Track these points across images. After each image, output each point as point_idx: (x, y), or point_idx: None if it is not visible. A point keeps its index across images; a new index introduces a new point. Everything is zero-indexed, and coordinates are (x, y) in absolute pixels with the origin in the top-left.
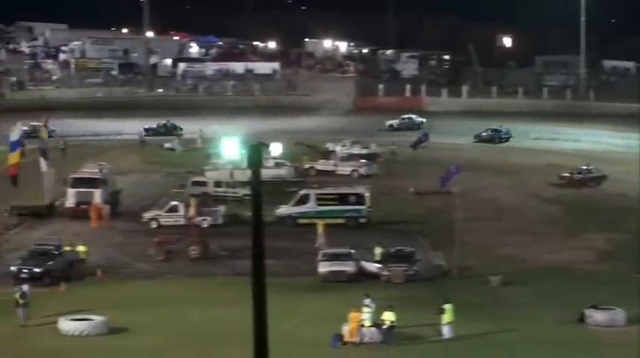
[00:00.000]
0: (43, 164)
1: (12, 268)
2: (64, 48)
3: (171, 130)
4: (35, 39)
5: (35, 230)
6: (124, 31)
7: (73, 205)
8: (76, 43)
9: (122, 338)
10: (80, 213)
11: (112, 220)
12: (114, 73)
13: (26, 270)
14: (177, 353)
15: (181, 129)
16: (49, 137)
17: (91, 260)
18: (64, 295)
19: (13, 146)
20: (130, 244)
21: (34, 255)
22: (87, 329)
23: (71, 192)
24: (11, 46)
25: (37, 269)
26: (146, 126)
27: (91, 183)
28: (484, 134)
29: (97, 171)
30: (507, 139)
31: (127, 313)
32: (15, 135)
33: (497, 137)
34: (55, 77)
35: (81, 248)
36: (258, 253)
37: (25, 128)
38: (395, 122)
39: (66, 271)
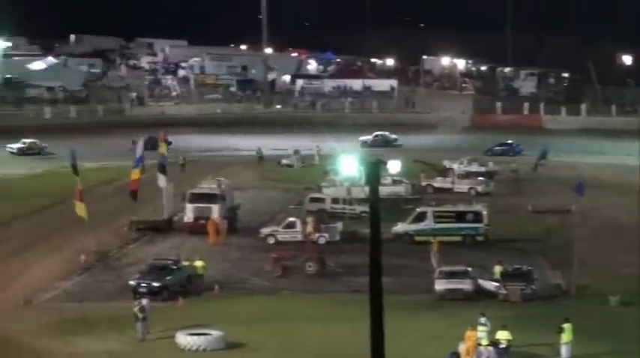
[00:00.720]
0: (162, 179)
1: (131, 282)
2: (183, 64)
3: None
4: (155, 55)
5: (154, 245)
6: (243, 47)
7: (191, 220)
8: (195, 59)
9: (239, 353)
10: (198, 228)
11: (229, 236)
12: (232, 89)
13: (145, 285)
14: None
15: None
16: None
17: (208, 275)
18: (181, 310)
19: (138, 161)
20: (247, 260)
21: (152, 269)
22: (204, 343)
23: (189, 207)
24: (131, 62)
25: (155, 284)
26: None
27: (209, 198)
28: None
29: (215, 186)
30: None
31: (243, 328)
32: (139, 150)
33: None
34: (174, 93)
35: (199, 263)
36: (376, 270)
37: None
38: (368, 138)
39: (184, 286)
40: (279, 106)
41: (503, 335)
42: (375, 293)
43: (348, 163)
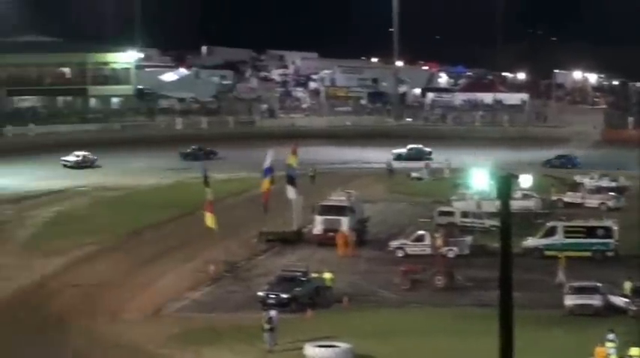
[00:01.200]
0: (291, 191)
1: (260, 293)
2: (314, 76)
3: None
4: (286, 67)
5: (283, 256)
6: (374, 60)
7: (320, 232)
8: (325, 71)
9: None
10: (327, 240)
11: (358, 248)
12: (363, 101)
13: (274, 296)
14: None
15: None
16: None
17: (337, 287)
18: (310, 322)
19: (266, 172)
20: (375, 272)
21: (281, 280)
22: (332, 356)
23: (319, 219)
24: (262, 74)
25: (284, 295)
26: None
27: (339, 210)
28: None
29: (344, 198)
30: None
31: (371, 341)
32: (267, 162)
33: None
34: (304, 105)
35: (327, 275)
36: (506, 285)
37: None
38: (402, 151)
39: (312, 298)
40: (409, 119)
41: (635, 352)
42: (505, 308)
43: (478, 177)
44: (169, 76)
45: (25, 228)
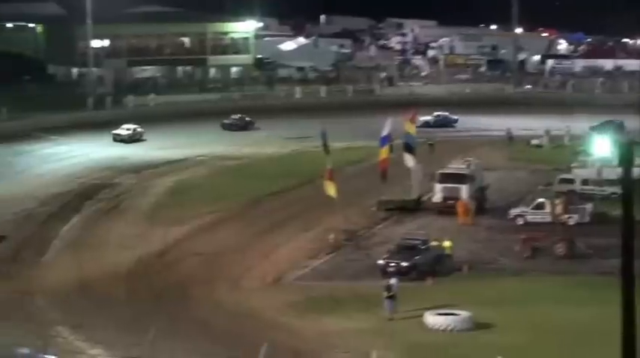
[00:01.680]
0: (410, 159)
1: (380, 262)
2: (432, 44)
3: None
4: (405, 35)
5: (402, 224)
6: (493, 27)
7: (439, 200)
8: (444, 39)
9: (487, 333)
10: (447, 208)
11: (478, 216)
12: (482, 69)
13: (394, 264)
14: (541, 352)
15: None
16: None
17: (456, 255)
18: (430, 289)
19: (383, 141)
20: (495, 240)
21: (401, 249)
22: (452, 323)
23: (438, 187)
24: (381, 43)
25: (404, 264)
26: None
27: (459, 178)
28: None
29: (464, 167)
30: None
31: (491, 309)
32: (385, 130)
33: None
34: (423, 73)
35: (447, 243)
36: (628, 253)
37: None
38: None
39: (432, 266)
40: (529, 86)
41: None
42: (627, 277)
43: (600, 144)
44: (288, 45)
45: (146, 197)
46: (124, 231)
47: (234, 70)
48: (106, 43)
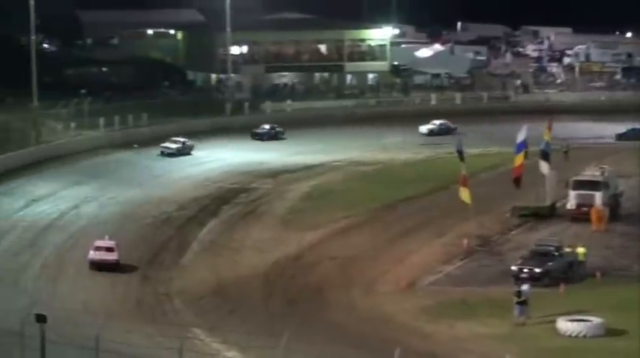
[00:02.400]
0: (544, 166)
1: (513, 268)
2: (568, 51)
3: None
4: (540, 43)
5: (536, 231)
6: (628, 35)
7: (573, 207)
8: (580, 46)
9: (619, 340)
10: (580, 215)
11: (611, 223)
12: (617, 77)
13: (527, 270)
14: None
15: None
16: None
17: (590, 262)
18: (562, 296)
19: (519, 148)
20: (628, 247)
21: (534, 255)
22: (585, 330)
23: (572, 194)
24: (516, 50)
25: (537, 270)
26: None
27: (593, 185)
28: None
29: (598, 174)
30: None
31: (624, 316)
32: (521, 136)
33: None
34: (559, 80)
35: (580, 250)
36: None
37: None
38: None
39: (565, 272)
40: None
41: None
42: None
43: None
44: (424, 52)
45: (283, 201)
46: (261, 235)
47: (370, 76)
48: (244, 49)
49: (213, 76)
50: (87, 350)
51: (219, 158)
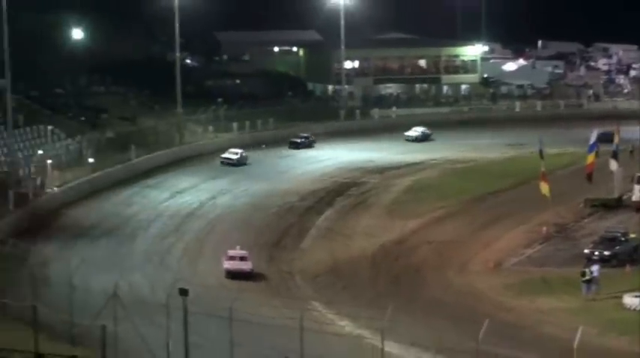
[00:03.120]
0: (613, 164)
1: (585, 251)
2: (634, 65)
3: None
4: (610, 58)
5: (605, 219)
6: None
7: (638, 199)
8: None
9: None
10: None
11: None
12: None
13: (597, 253)
14: None
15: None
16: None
17: None
18: (628, 275)
19: (591, 148)
20: None
21: (604, 240)
22: None
23: (637, 187)
24: (589, 64)
25: (606, 253)
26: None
27: None
28: None
29: None
30: None
31: None
32: (592, 138)
33: None
34: (625, 90)
35: None
36: None
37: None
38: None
39: (631, 255)
40: None
41: None
42: None
43: None
44: (510, 66)
45: (388, 193)
46: (369, 223)
47: (463, 87)
48: (356, 64)
49: (330, 87)
50: (223, 320)
51: (334, 156)
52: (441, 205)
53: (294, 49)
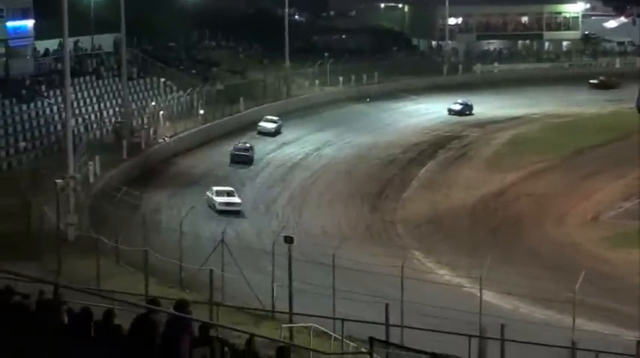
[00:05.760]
0: None
1: None
2: None
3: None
4: None
5: None
6: None
7: None
8: None
9: None
10: None
11: None
12: None
13: None
14: None
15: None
16: None
17: None
18: None
19: None
20: None
21: None
22: None
23: None
24: None
25: None
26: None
27: None
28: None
29: None
30: None
31: None
32: None
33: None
34: None
35: None
36: None
37: None
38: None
39: None
40: None
41: None
42: None
43: None
44: (611, 24)
45: (488, 147)
46: (469, 175)
47: (564, 43)
48: (459, 20)
49: (434, 43)
50: (325, 267)
51: (437, 110)
52: (540, 159)
53: (400, 5)
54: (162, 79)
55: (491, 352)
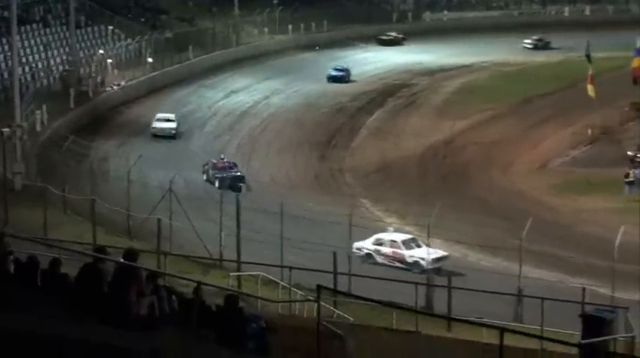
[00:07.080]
0: None
1: (629, 153)
2: None
3: None
4: None
5: None
6: None
7: None
8: None
9: None
10: None
11: None
12: None
13: None
14: None
15: None
16: None
17: None
18: None
19: (637, 52)
20: None
21: None
22: None
23: None
24: None
25: None
26: None
27: None
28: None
29: None
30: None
31: None
32: (639, 43)
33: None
34: None
35: None
36: None
37: None
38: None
39: None
40: None
41: None
42: None
43: None
44: None
45: (438, 95)
46: (418, 123)
47: None
48: None
49: None
50: (273, 215)
51: (384, 59)
52: (489, 107)
53: None
54: (111, 27)
55: (438, 300)
